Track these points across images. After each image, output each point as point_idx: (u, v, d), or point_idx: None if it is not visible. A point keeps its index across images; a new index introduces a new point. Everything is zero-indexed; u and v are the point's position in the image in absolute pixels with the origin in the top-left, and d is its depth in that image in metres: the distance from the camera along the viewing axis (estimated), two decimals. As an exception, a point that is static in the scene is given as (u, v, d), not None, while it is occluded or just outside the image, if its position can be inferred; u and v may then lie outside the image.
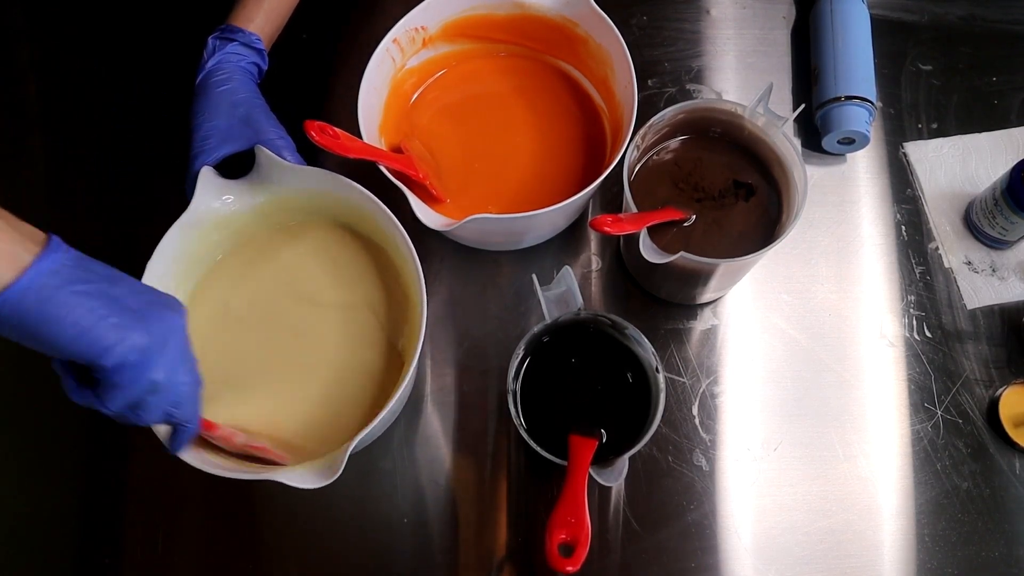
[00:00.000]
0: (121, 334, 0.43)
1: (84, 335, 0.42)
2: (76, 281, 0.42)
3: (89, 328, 0.42)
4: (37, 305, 0.41)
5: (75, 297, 0.42)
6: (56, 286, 0.41)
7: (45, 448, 0.66)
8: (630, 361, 0.60)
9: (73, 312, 0.41)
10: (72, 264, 0.43)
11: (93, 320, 0.42)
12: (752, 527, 0.63)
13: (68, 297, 0.41)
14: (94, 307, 0.42)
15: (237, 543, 0.63)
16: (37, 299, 0.41)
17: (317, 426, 0.59)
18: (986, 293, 0.71)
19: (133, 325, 0.43)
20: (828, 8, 0.77)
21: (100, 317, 0.42)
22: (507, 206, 0.68)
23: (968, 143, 0.76)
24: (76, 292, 0.42)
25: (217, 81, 0.62)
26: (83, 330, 0.42)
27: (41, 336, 0.41)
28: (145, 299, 0.45)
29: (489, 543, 0.62)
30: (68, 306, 0.41)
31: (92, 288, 0.43)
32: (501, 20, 0.71)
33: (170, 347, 0.46)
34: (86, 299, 0.42)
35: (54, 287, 0.41)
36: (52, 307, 0.41)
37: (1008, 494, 0.64)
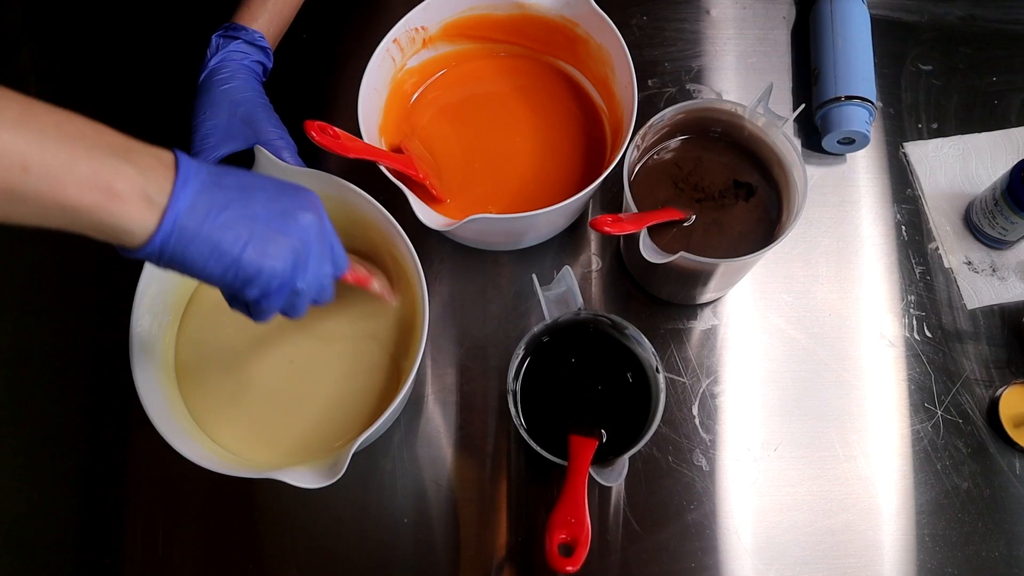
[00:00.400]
0: (260, 263, 0.43)
1: (228, 271, 0.42)
2: (212, 211, 0.41)
3: (230, 263, 0.42)
4: (180, 247, 0.41)
5: (214, 232, 0.41)
6: (195, 226, 0.41)
7: (45, 448, 0.66)
8: (630, 361, 0.60)
9: (215, 249, 0.41)
10: (203, 190, 0.41)
11: (234, 253, 0.42)
12: (752, 527, 0.63)
13: (206, 235, 0.41)
14: (234, 237, 0.42)
15: (237, 543, 0.63)
16: (178, 241, 0.40)
17: (319, 426, 0.59)
18: (986, 293, 0.71)
19: (268, 249, 0.43)
20: (828, 8, 0.77)
21: (240, 248, 0.42)
22: (507, 206, 0.68)
23: (968, 143, 0.77)
24: (215, 226, 0.41)
25: (220, 80, 0.62)
26: (225, 266, 0.42)
27: (191, 273, 0.42)
28: (279, 208, 0.45)
29: (489, 543, 0.62)
30: (208, 244, 0.41)
31: (228, 216, 0.42)
32: (501, 20, 0.71)
33: (311, 253, 0.46)
34: (223, 231, 0.42)
35: (193, 227, 0.41)
36: (193, 249, 0.41)
37: (1008, 494, 0.64)
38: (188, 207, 0.40)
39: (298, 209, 0.46)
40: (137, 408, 0.53)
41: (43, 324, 0.70)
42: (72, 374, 0.68)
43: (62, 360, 0.69)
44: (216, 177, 0.43)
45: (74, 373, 0.68)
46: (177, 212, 0.40)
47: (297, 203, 0.46)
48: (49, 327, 0.70)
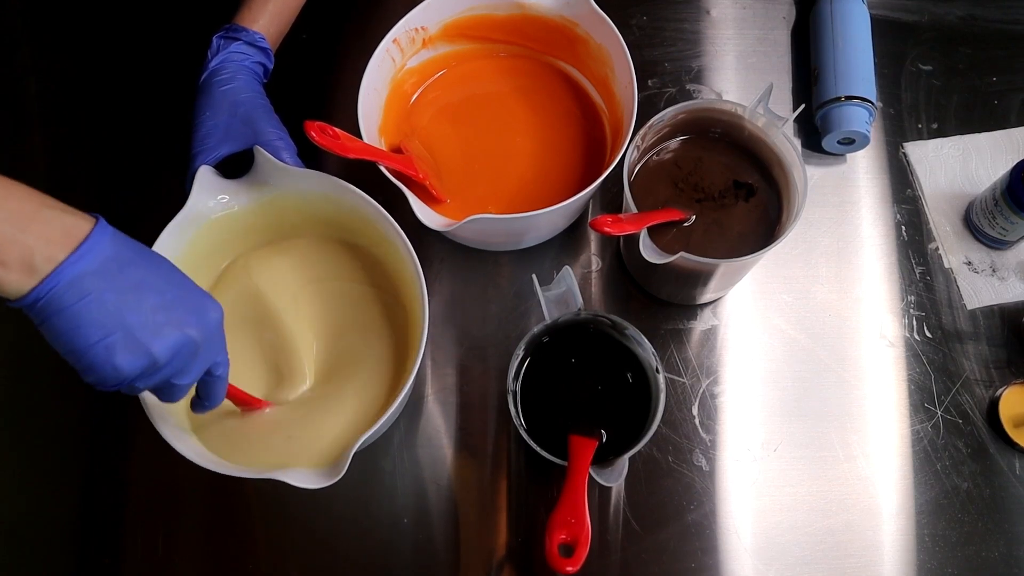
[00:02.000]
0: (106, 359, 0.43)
1: (71, 354, 0.43)
2: (88, 296, 0.41)
3: (79, 349, 0.42)
4: (44, 315, 0.41)
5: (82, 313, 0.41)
6: (65, 302, 0.41)
7: (45, 448, 0.66)
8: (630, 361, 0.60)
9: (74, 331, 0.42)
10: (98, 273, 0.42)
11: (92, 340, 0.42)
12: (752, 527, 0.63)
13: (76, 313, 0.41)
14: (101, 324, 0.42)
15: (237, 543, 0.63)
16: (44, 309, 0.41)
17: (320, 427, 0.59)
18: (986, 293, 0.71)
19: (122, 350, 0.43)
20: (828, 8, 0.77)
21: (99, 338, 0.42)
22: (507, 206, 0.68)
23: (968, 143, 0.76)
24: (84, 306, 0.41)
25: (220, 80, 0.62)
26: (70, 350, 0.43)
27: (47, 336, 0.42)
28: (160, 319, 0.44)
29: (489, 543, 0.62)
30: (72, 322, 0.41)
31: (103, 307, 0.42)
32: (501, 20, 0.71)
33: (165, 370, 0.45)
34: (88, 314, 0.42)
35: (60, 303, 0.41)
36: (57, 321, 0.41)
37: (1008, 494, 0.64)
38: (67, 283, 0.41)
39: (175, 327, 0.44)
40: (137, 408, 0.53)
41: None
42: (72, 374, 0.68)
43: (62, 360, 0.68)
44: (119, 265, 0.43)
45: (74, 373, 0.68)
46: (57, 282, 0.40)
47: (183, 319, 0.45)
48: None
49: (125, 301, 0.43)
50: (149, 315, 0.43)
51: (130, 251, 0.44)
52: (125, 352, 0.43)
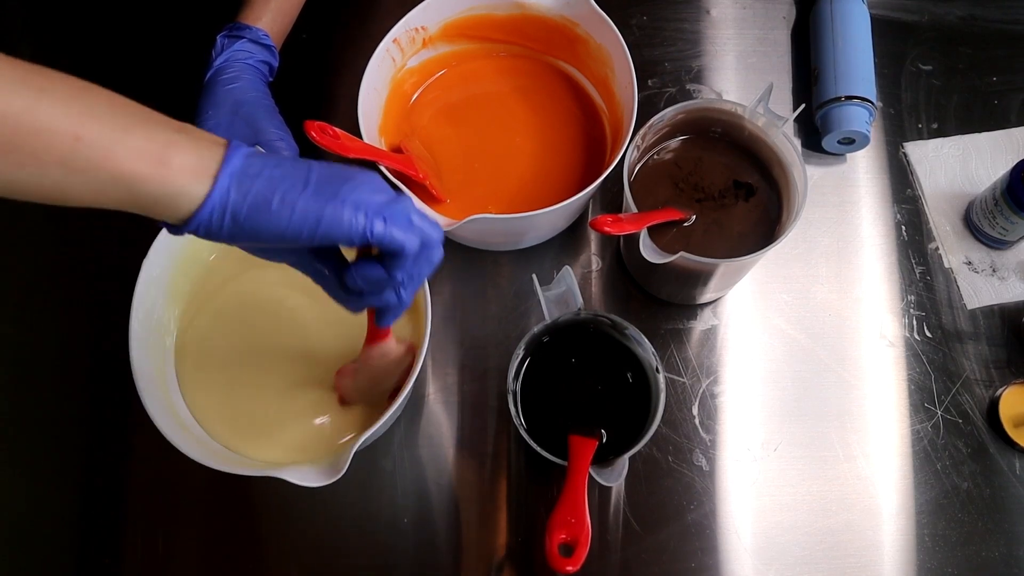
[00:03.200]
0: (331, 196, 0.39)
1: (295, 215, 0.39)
2: (266, 168, 0.39)
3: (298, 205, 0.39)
4: (239, 203, 0.38)
5: (273, 183, 0.39)
6: (251, 179, 0.38)
7: (45, 448, 0.66)
8: (630, 361, 0.60)
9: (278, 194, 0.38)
10: (256, 156, 0.40)
11: (297, 194, 0.39)
12: (752, 527, 0.63)
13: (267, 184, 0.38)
14: (294, 182, 0.39)
15: (237, 543, 0.63)
16: (238, 194, 0.38)
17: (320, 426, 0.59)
18: (986, 293, 0.71)
19: (337, 186, 0.40)
20: (828, 8, 0.77)
21: (302, 187, 0.39)
22: (507, 206, 0.68)
23: (968, 143, 0.77)
24: (273, 177, 0.39)
25: (225, 79, 0.62)
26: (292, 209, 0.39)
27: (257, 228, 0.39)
28: (335, 170, 0.41)
29: (489, 543, 0.62)
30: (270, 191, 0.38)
31: (283, 170, 0.39)
32: (501, 20, 0.71)
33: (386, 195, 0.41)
34: (282, 181, 0.39)
35: (250, 182, 0.38)
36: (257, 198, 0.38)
37: (1008, 494, 0.64)
38: (241, 168, 0.39)
39: (355, 170, 0.42)
40: (137, 408, 0.53)
41: (43, 324, 0.70)
42: (72, 374, 0.68)
43: (62, 360, 0.69)
44: (263, 154, 0.41)
45: (74, 373, 0.68)
46: (231, 172, 0.38)
47: (352, 168, 0.42)
48: (49, 327, 0.70)
49: (295, 166, 0.40)
50: (322, 169, 0.40)
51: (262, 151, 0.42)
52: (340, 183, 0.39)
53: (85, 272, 0.71)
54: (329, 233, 0.39)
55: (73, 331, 0.69)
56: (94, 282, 0.70)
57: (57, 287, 0.71)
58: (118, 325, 0.56)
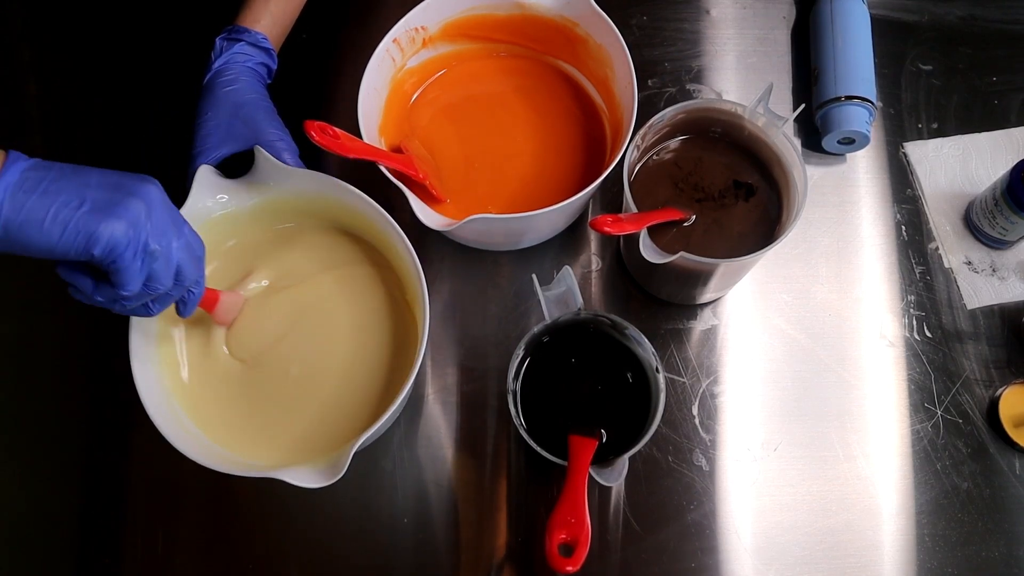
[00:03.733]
0: (99, 217, 0.43)
1: (67, 230, 0.42)
2: (43, 181, 0.43)
3: (68, 221, 0.42)
4: (12, 214, 0.42)
5: (46, 197, 0.42)
6: (25, 191, 0.42)
7: (45, 448, 0.66)
8: (630, 361, 0.60)
9: (49, 211, 0.42)
10: (34, 167, 0.43)
11: (70, 212, 0.42)
12: (752, 527, 0.63)
13: (40, 199, 0.42)
14: (67, 200, 0.43)
15: (237, 543, 0.63)
16: (11, 208, 0.41)
17: (320, 427, 0.59)
18: (986, 293, 0.71)
19: (109, 207, 0.44)
20: (828, 8, 0.77)
21: (75, 208, 0.43)
22: (507, 206, 0.68)
23: (968, 143, 0.76)
24: (46, 192, 0.42)
25: (224, 81, 0.62)
26: (64, 225, 0.42)
27: (29, 243, 0.43)
28: (114, 180, 0.45)
29: (489, 543, 0.62)
30: (43, 206, 0.42)
31: (61, 184, 0.43)
32: (501, 20, 0.71)
33: (154, 215, 0.46)
34: (56, 196, 0.42)
35: (24, 193, 0.42)
36: (27, 212, 0.42)
37: (1008, 494, 0.64)
38: (18, 180, 0.42)
39: (137, 181, 0.46)
40: (137, 408, 0.53)
41: (43, 324, 0.70)
42: (72, 374, 0.68)
43: (62, 360, 0.69)
44: (44, 163, 0.44)
45: (74, 373, 0.68)
46: (6, 184, 0.42)
47: (135, 178, 0.46)
48: (49, 327, 0.70)
49: (75, 177, 0.44)
50: (103, 178, 0.45)
51: (42, 160, 0.45)
52: (113, 205, 0.44)
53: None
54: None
55: (73, 331, 0.69)
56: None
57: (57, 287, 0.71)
58: (118, 325, 0.56)
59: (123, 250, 0.44)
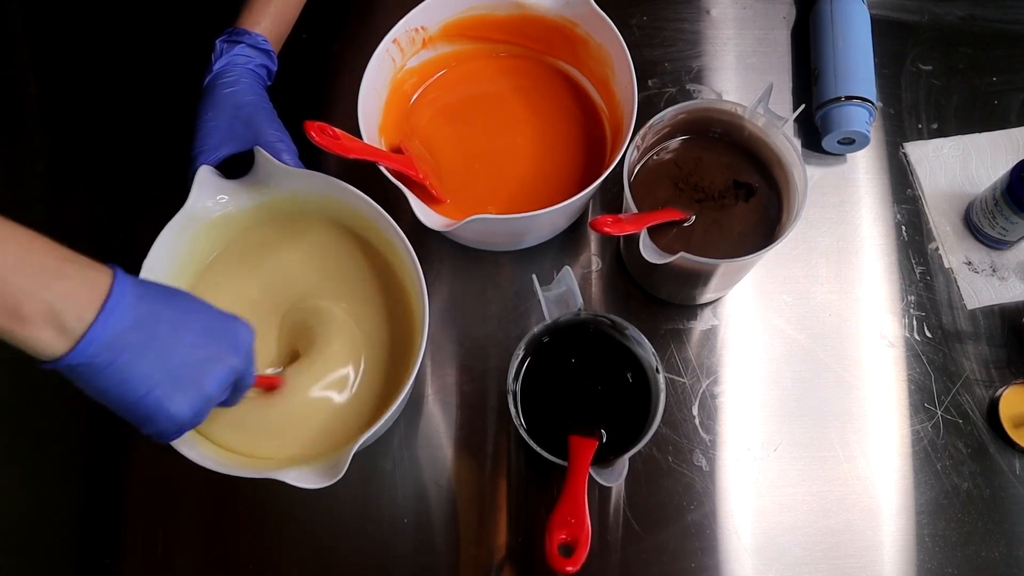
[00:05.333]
0: (160, 406, 0.43)
1: (127, 408, 0.43)
2: (127, 350, 0.42)
3: (132, 402, 0.43)
4: (87, 376, 0.41)
5: (126, 369, 0.42)
6: (107, 361, 0.41)
7: (45, 448, 0.66)
8: (630, 361, 0.60)
9: (121, 385, 0.42)
10: (128, 326, 0.42)
11: (139, 394, 0.43)
12: (752, 527, 0.63)
13: (120, 370, 0.42)
14: (143, 378, 0.42)
15: (237, 543, 0.63)
16: (87, 371, 0.41)
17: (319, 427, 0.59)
18: (986, 293, 0.71)
19: (175, 396, 0.44)
20: (828, 8, 0.77)
21: (146, 390, 0.43)
22: (507, 206, 0.68)
23: (968, 143, 0.76)
24: (128, 363, 0.42)
25: (224, 83, 0.62)
26: (127, 404, 0.43)
27: (93, 395, 0.43)
28: (201, 355, 0.45)
29: (489, 543, 0.62)
30: (117, 378, 0.42)
31: (145, 358, 0.42)
32: (501, 20, 0.71)
33: (212, 400, 0.46)
34: (135, 369, 0.42)
35: (104, 362, 0.41)
36: (101, 379, 0.41)
37: (1008, 494, 0.64)
38: (105, 343, 0.41)
39: (217, 362, 0.46)
40: (137, 408, 0.53)
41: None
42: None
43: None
44: (149, 313, 0.43)
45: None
46: (92, 342, 0.40)
47: (222, 351, 0.46)
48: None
49: (165, 347, 0.43)
50: (191, 354, 0.44)
51: (154, 295, 0.44)
52: (176, 398, 0.44)
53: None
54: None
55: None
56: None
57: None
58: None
59: (167, 435, 0.46)
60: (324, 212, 0.63)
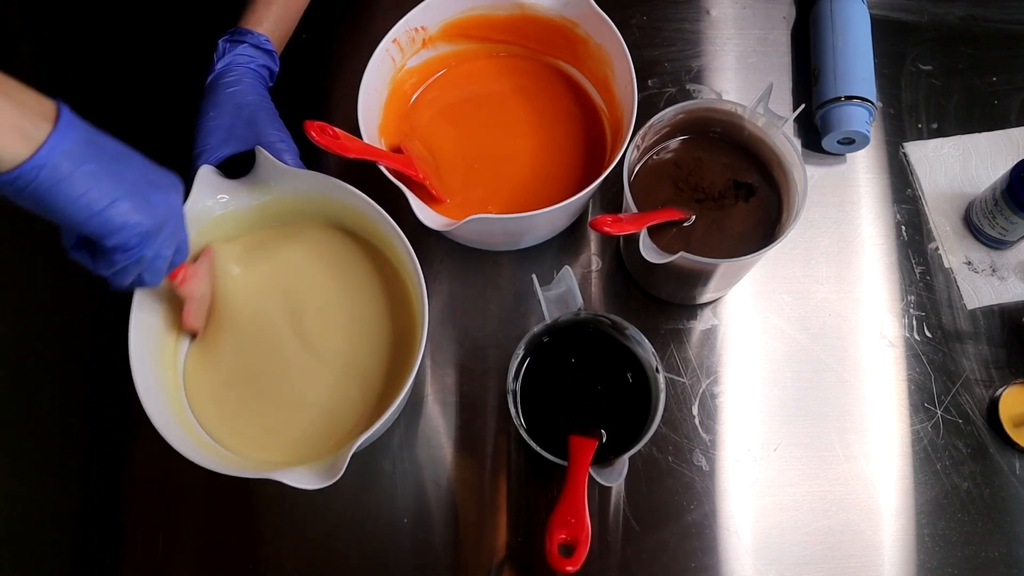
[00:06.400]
0: (127, 218, 0.45)
1: (94, 217, 0.44)
2: (87, 160, 0.43)
3: (100, 211, 0.44)
4: (50, 184, 0.42)
5: (86, 178, 0.43)
6: (69, 166, 0.42)
7: (45, 448, 0.66)
8: (630, 361, 0.60)
9: (85, 194, 0.43)
10: (83, 141, 0.44)
11: (104, 203, 0.44)
12: (752, 527, 0.63)
13: (80, 178, 0.43)
14: (105, 189, 0.44)
15: (237, 543, 0.63)
16: (50, 178, 0.42)
17: (319, 427, 0.59)
18: (986, 293, 0.71)
19: (138, 208, 0.46)
20: (828, 8, 0.77)
21: (111, 200, 0.44)
22: (507, 206, 0.68)
23: (968, 143, 0.76)
24: (87, 173, 0.43)
25: (226, 83, 0.62)
26: (93, 213, 0.44)
27: (54, 212, 0.43)
28: (152, 179, 0.48)
29: (489, 543, 0.62)
30: (81, 187, 0.43)
31: (102, 168, 0.44)
32: (501, 20, 0.71)
33: (166, 229, 0.49)
34: (96, 180, 0.44)
35: (67, 167, 0.42)
36: (65, 187, 0.42)
37: (1008, 494, 0.64)
38: (64, 150, 0.42)
39: (169, 187, 0.49)
40: (137, 408, 0.53)
41: (43, 324, 0.70)
42: (72, 374, 0.68)
43: (62, 360, 0.69)
44: (93, 136, 0.45)
45: (74, 373, 0.68)
46: (53, 149, 0.42)
47: (168, 182, 0.50)
48: (49, 327, 0.70)
49: (117, 165, 0.45)
50: (140, 175, 0.47)
51: (92, 127, 0.46)
52: (138, 211, 0.46)
53: (85, 271, 0.70)
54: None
55: (73, 331, 0.69)
56: (94, 282, 0.70)
57: (57, 287, 0.71)
58: (118, 325, 0.56)
59: (129, 248, 0.47)
60: (324, 212, 0.63)
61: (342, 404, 0.60)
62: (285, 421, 0.60)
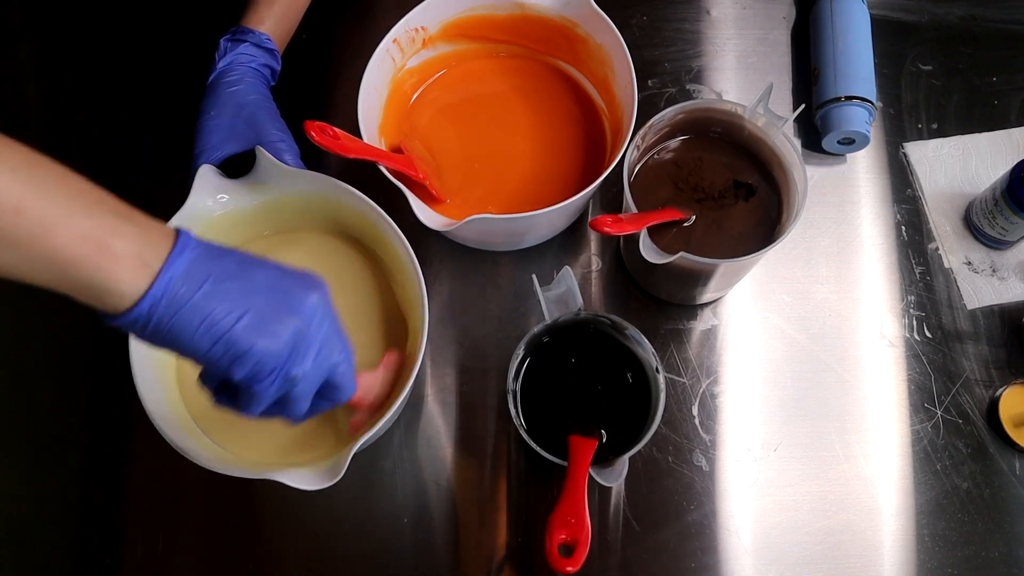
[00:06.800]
0: (252, 339, 0.40)
1: (217, 345, 0.39)
2: (208, 280, 0.39)
3: (220, 337, 0.39)
4: (169, 314, 0.38)
5: (208, 301, 0.39)
6: (187, 293, 0.39)
7: (45, 448, 0.66)
8: (630, 361, 0.60)
9: (206, 320, 0.39)
10: (203, 259, 0.40)
11: (226, 326, 0.39)
12: (752, 527, 0.63)
13: (202, 302, 0.39)
14: (228, 309, 0.39)
15: (237, 543, 0.63)
16: (168, 308, 0.38)
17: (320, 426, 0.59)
18: (986, 293, 0.71)
19: (266, 325, 0.40)
20: (828, 8, 0.77)
21: (233, 320, 0.39)
22: (507, 206, 0.68)
23: (968, 143, 0.76)
24: (209, 294, 0.39)
25: (227, 82, 0.62)
26: (215, 339, 0.39)
27: (176, 343, 0.40)
28: (283, 285, 0.42)
29: (489, 543, 0.62)
30: (201, 313, 0.39)
31: (225, 287, 0.40)
32: (501, 20, 0.71)
33: (310, 338, 0.42)
34: (217, 302, 0.39)
35: (185, 294, 0.39)
36: (185, 316, 0.39)
37: (1008, 494, 0.64)
38: (183, 273, 0.39)
39: (303, 288, 0.43)
40: (137, 408, 0.53)
41: (43, 324, 0.70)
42: (72, 374, 0.68)
43: (62, 360, 0.69)
44: (215, 250, 0.41)
45: (74, 373, 0.68)
46: (171, 276, 0.38)
47: (303, 282, 0.43)
48: (49, 327, 0.70)
49: (242, 278, 0.41)
50: (269, 283, 0.42)
51: (214, 245, 0.42)
52: (270, 323, 0.40)
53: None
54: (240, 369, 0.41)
55: (73, 331, 0.69)
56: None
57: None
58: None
59: (263, 376, 0.41)
60: (324, 212, 0.63)
61: (342, 404, 0.60)
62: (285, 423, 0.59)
